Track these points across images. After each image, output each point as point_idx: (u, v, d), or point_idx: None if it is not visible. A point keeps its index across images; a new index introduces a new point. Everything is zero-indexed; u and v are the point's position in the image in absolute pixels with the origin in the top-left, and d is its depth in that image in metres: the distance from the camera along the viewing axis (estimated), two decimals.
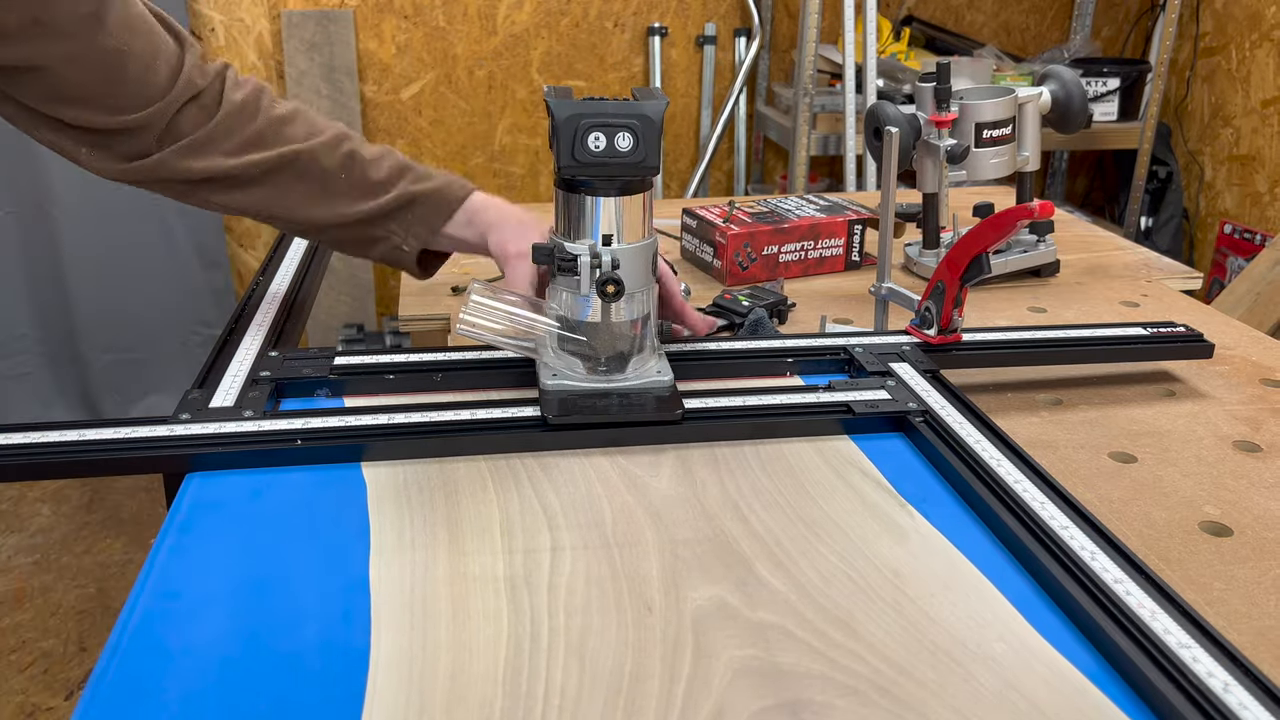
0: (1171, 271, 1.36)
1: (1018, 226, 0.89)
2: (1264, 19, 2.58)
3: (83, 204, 2.47)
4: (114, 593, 2.09)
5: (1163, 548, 0.74)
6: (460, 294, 1.24)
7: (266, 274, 1.13)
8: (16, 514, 2.34)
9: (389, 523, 0.72)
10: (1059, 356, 0.99)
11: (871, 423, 0.86)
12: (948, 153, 1.20)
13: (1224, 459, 0.87)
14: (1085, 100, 1.28)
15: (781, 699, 0.57)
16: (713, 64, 2.79)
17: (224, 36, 2.53)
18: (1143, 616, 0.61)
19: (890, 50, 2.64)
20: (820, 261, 1.32)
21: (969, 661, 0.60)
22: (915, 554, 0.70)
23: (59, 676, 1.88)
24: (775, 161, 2.94)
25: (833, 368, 0.97)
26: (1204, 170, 2.82)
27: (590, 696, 0.57)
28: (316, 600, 0.64)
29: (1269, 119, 2.59)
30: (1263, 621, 0.66)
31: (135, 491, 2.42)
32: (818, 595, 0.66)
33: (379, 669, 0.58)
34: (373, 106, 2.65)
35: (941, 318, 0.97)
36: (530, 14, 2.64)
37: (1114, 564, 0.66)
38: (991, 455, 0.79)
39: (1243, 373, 1.04)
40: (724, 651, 0.61)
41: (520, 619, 0.63)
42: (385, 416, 0.82)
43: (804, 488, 0.78)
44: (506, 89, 2.70)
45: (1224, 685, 0.56)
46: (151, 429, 0.79)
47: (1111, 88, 2.69)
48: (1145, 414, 0.95)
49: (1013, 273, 1.30)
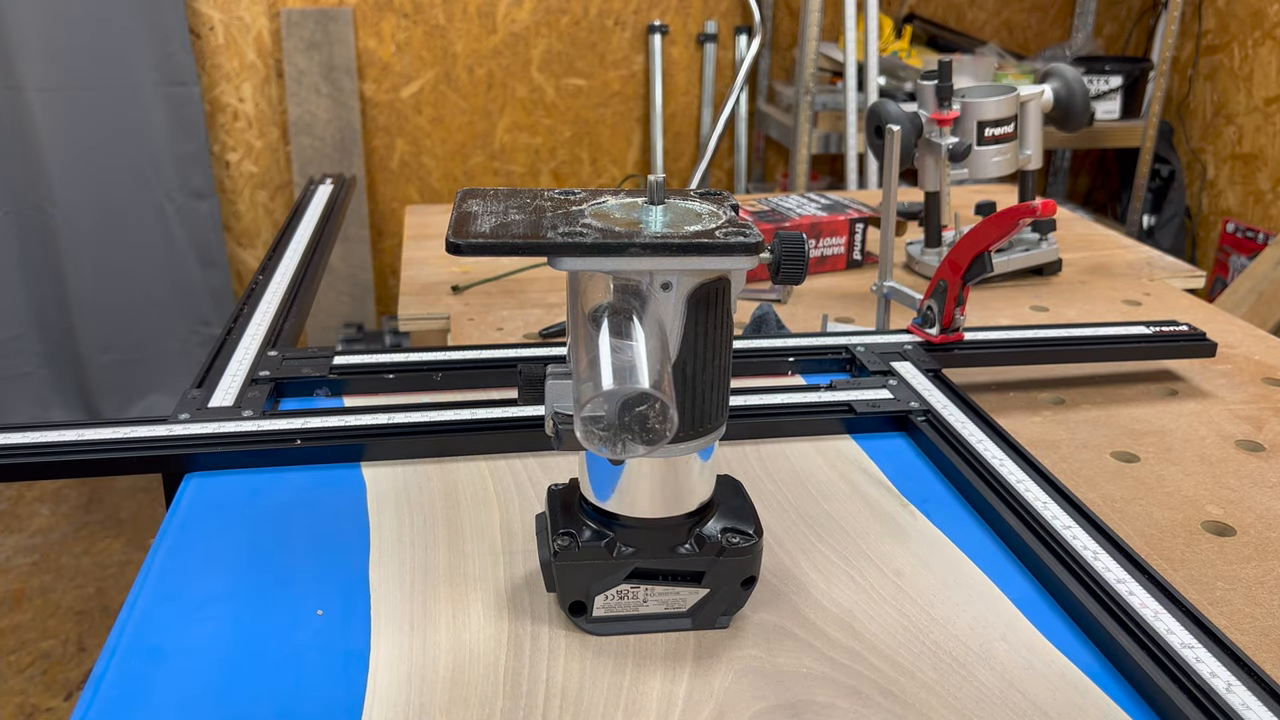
0: (1174, 270, 1.36)
1: (1020, 225, 0.89)
2: (1266, 17, 2.58)
3: (82, 204, 2.47)
4: (113, 593, 2.08)
5: (1165, 547, 0.74)
6: (460, 293, 1.24)
7: (266, 273, 1.13)
8: (15, 514, 2.34)
9: (388, 523, 0.72)
10: (1061, 355, 0.99)
11: (873, 422, 0.86)
12: (949, 151, 1.20)
13: (1227, 458, 0.86)
14: (1087, 98, 1.28)
15: (783, 699, 0.57)
16: (713, 62, 2.78)
17: (223, 35, 2.52)
18: (1145, 616, 0.61)
19: (892, 48, 2.63)
20: (821, 260, 1.31)
21: (971, 661, 0.60)
22: (917, 554, 0.70)
23: (58, 677, 1.88)
24: (776, 160, 2.93)
25: (834, 367, 0.97)
26: (1206, 168, 2.81)
27: (590, 696, 0.57)
28: (316, 600, 0.64)
29: (1271, 117, 2.59)
30: (1266, 621, 0.66)
31: (134, 491, 2.42)
32: (819, 595, 0.66)
33: (379, 669, 0.58)
34: (372, 105, 2.64)
35: (943, 317, 0.97)
36: (530, 12, 2.63)
37: (1116, 564, 0.65)
38: (994, 455, 0.79)
39: (1245, 372, 1.04)
40: (725, 652, 0.60)
41: (520, 619, 0.63)
42: (385, 416, 0.81)
43: (805, 487, 0.78)
44: (506, 87, 2.69)
45: (1227, 685, 0.56)
46: (150, 429, 0.79)
47: (1114, 86, 2.68)
48: (1148, 413, 0.94)
49: (1015, 271, 1.30)
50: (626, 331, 0.53)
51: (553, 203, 0.60)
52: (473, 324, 1.15)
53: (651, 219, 0.57)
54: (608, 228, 0.56)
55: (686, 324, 0.56)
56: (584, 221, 0.56)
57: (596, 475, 0.60)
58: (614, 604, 0.61)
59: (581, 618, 0.61)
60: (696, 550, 0.60)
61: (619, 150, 2.83)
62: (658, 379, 0.51)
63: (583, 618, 0.61)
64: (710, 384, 0.58)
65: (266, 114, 2.61)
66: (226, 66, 2.55)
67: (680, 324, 0.56)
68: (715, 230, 0.56)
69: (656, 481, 0.59)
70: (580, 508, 0.62)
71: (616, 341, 0.52)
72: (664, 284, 0.55)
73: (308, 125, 2.57)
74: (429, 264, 1.34)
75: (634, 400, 0.50)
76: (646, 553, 0.60)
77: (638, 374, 0.51)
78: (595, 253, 0.54)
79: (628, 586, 0.61)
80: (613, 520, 0.60)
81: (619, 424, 0.51)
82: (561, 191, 0.62)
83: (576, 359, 0.56)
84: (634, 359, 0.51)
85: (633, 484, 0.59)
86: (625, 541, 0.60)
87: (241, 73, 2.56)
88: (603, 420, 0.51)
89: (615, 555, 0.60)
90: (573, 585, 0.60)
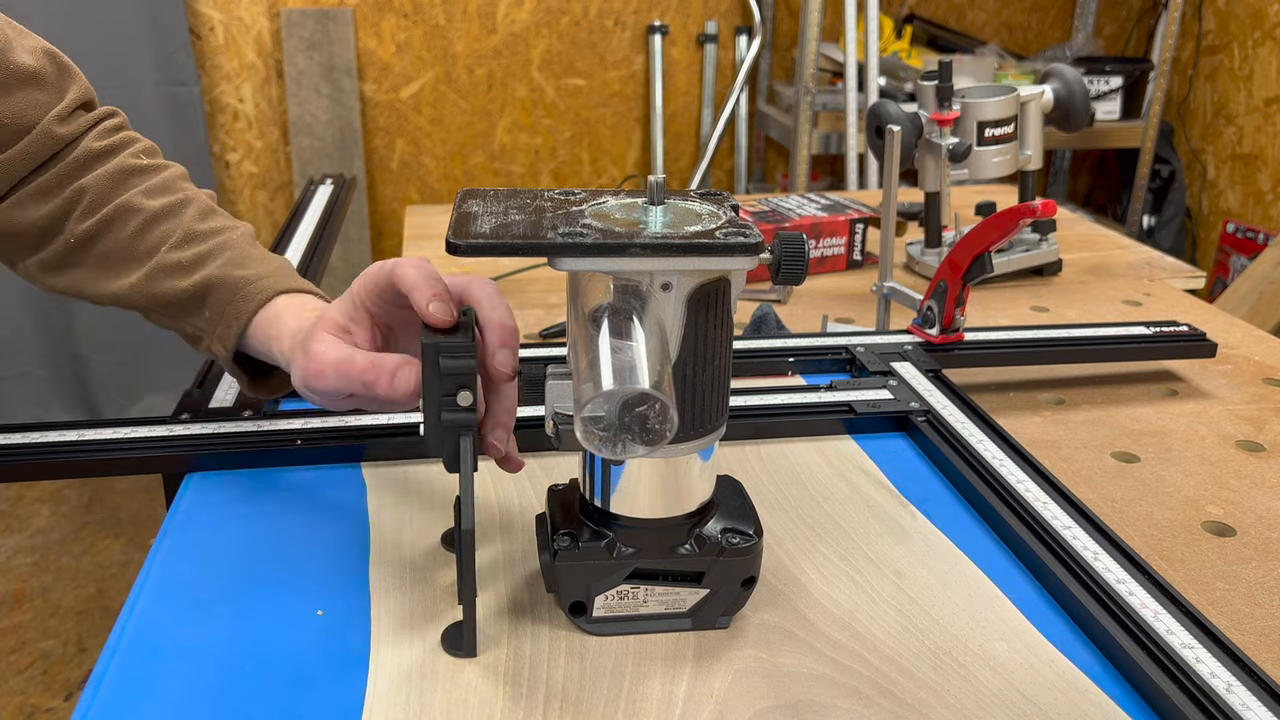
0: (1174, 270, 1.36)
1: (1020, 225, 0.89)
2: (1266, 17, 2.58)
3: None
4: (113, 593, 2.08)
5: (1165, 548, 0.74)
6: None
7: None
8: (16, 514, 2.34)
9: (388, 523, 0.72)
10: (1061, 356, 0.99)
11: (873, 422, 0.86)
12: (950, 151, 1.20)
13: (1227, 459, 0.86)
14: (1087, 99, 1.28)
15: (783, 700, 0.57)
16: (714, 62, 2.78)
17: (223, 35, 2.52)
18: (1145, 617, 0.61)
19: (892, 48, 2.63)
20: (821, 260, 1.31)
21: (971, 662, 0.60)
22: (917, 554, 0.70)
23: (58, 677, 1.88)
24: (776, 160, 2.93)
25: (834, 367, 0.97)
26: (1206, 169, 2.81)
27: (590, 697, 0.57)
28: (316, 600, 0.63)
29: (1271, 117, 2.59)
30: (1266, 622, 0.66)
31: (135, 492, 2.42)
32: (819, 595, 0.65)
33: (379, 669, 0.58)
34: (372, 105, 2.64)
35: (943, 317, 0.97)
36: (530, 12, 2.63)
37: (1116, 564, 0.65)
38: (994, 455, 0.79)
39: (1246, 372, 1.04)
40: (725, 652, 0.60)
41: (520, 619, 0.63)
42: (385, 416, 0.81)
43: (805, 488, 0.78)
44: (506, 88, 2.69)
45: (1227, 686, 0.56)
46: (151, 429, 0.79)
47: (1114, 86, 2.68)
48: (1148, 413, 0.94)
49: (1015, 272, 1.30)
50: (626, 332, 0.53)
51: (553, 203, 0.60)
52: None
53: (651, 219, 0.57)
54: (608, 228, 0.56)
55: (686, 324, 0.56)
56: (584, 222, 0.56)
57: (597, 475, 0.60)
58: (614, 604, 0.61)
59: (581, 618, 0.61)
60: (696, 550, 0.60)
61: (619, 150, 2.83)
62: (658, 379, 0.51)
63: (583, 618, 0.61)
64: (710, 384, 0.58)
65: (266, 114, 2.61)
66: (226, 67, 2.55)
67: (680, 324, 0.56)
68: (715, 231, 0.56)
69: (656, 482, 0.59)
70: (580, 508, 0.62)
71: (616, 342, 0.52)
72: (664, 284, 0.55)
73: (308, 125, 2.57)
74: None
75: (634, 401, 0.50)
76: (646, 553, 0.60)
77: (638, 374, 0.51)
78: (595, 253, 0.54)
79: (628, 587, 0.61)
80: (613, 520, 0.60)
81: (619, 424, 0.51)
82: (561, 192, 0.62)
83: (576, 359, 0.56)
84: (634, 359, 0.51)
85: (633, 484, 0.59)
86: (625, 542, 0.60)
87: (241, 73, 2.56)
88: (603, 421, 0.51)
89: (615, 555, 0.60)
90: (573, 585, 0.60)
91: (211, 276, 0.74)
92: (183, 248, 0.76)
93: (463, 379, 0.56)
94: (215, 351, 0.75)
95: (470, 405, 0.57)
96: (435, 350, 0.56)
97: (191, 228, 0.77)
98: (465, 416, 0.57)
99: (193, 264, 0.75)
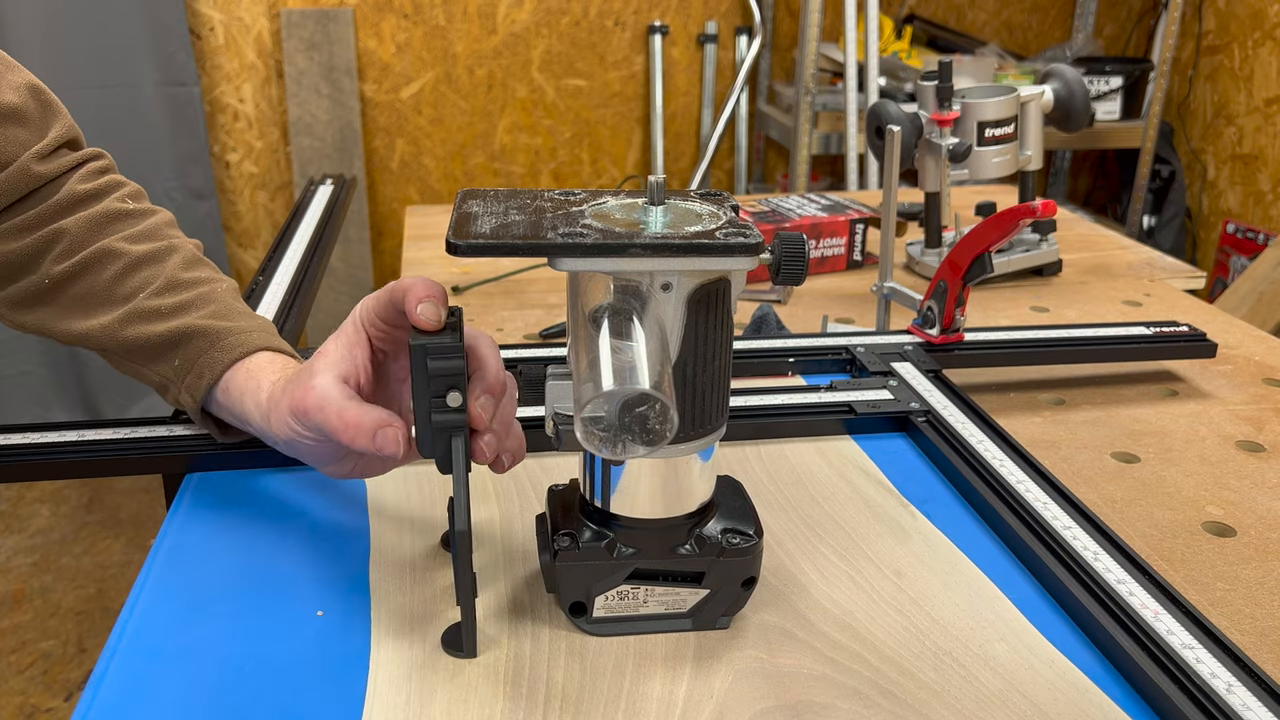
0: (1174, 271, 1.36)
1: (1020, 225, 0.89)
2: (1266, 18, 2.58)
3: None
4: (113, 593, 2.08)
5: (1165, 548, 0.74)
6: (461, 293, 1.24)
7: (266, 274, 1.13)
8: (16, 514, 2.34)
9: (388, 523, 0.72)
10: (1061, 356, 0.99)
11: (873, 423, 0.86)
12: (950, 151, 1.20)
13: (1227, 459, 0.86)
14: (1087, 99, 1.28)
15: (783, 700, 0.57)
16: (714, 63, 2.78)
17: (223, 35, 2.53)
18: (1146, 617, 0.61)
19: (892, 49, 2.63)
20: (822, 261, 1.31)
21: (971, 662, 0.60)
22: (917, 554, 0.70)
23: (58, 677, 1.88)
24: (776, 160, 2.93)
25: (834, 367, 0.97)
26: (1207, 169, 2.81)
27: (590, 697, 0.57)
28: (316, 601, 0.63)
29: (1271, 118, 2.59)
30: (1266, 622, 0.66)
31: (135, 492, 2.42)
32: (819, 596, 0.65)
33: (379, 669, 0.58)
34: (372, 106, 2.64)
35: (944, 317, 0.97)
36: (530, 12, 2.63)
37: (1117, 564, 0.65)
38: (994, 455, 0.79)
39: (1246, 372, 1.04)
40: (725, 652, 0.60)
41: (520, 619, 0.63)
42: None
43: (806, 488, 0.78)
44: (506, 88, 2.69)
45: (1227, 686, 0.56)
46: (151, 429, 0.79)
47: (1114, 86, 2.68)
48: (1148, 414, 0.94)
49: (1015, 272, 1.30)
50: (627, 332, 0.53)
51: (553, 203, 0.60)
52: (473, 324, 1.15)
53: (652, 220, 0.57)
54: (608, 228, 0.55)
55: (687, 325, 0.56)
56: (584, 222, 0.56)
57: (597, 476, 0.60)
58: (614, 604, 0.61)
59: (581, 618, 0.61)
60: (697, 551, 0.60)
61: (619, 151, 2.83)
62: (658, 380, 0.51)
63: (583, 618, 0.61)
64: (710, 385, 0.58)
65: (266, 114, 2.61)
66: (226, 67, 2.55)
67: (680, 325, 0.56)
68: (715, 231, 0.56)
69: (657, 482, 0.59)
70: (580, 508, 0.62)
71: (617, 342, 0.52)
72: (664, 284, 0.55)
73: (308, 126, 2.57)
74: (429, 264, 1.34)
75: (634, 401, 0.50)
76: (647, 553, 0.60)
77: (638, 375, 0.51)
78: (595, 253, 0.54)
79: (628, 587, 0.61)
80: (613, 521, 0.60)
81: (619, 425, 0.51)
82: (562, 192, 0.62)
83: (576, 360, 0.56)
84: (634, 360, 0.51)
85: (633, 484, 0.59)
86: (625, 542, 0.60)
87: (241, 73, 2.56)
88: (603, 421, 0.51)
89: (615, 556, 0.60)
90: (573, 585, 0.60)
91: (190, 325, 0.73)
92: (163, 295, 0.75)
93: (452, 380, 0.56)
94: (183, 402, 0.74)
95: (460, 406, 0.57)
96: (424, 351, 0.56)
97: (175, 276, 0.76)
98: (456, 417, 0.57)
99: (171, 311, 0.74)
